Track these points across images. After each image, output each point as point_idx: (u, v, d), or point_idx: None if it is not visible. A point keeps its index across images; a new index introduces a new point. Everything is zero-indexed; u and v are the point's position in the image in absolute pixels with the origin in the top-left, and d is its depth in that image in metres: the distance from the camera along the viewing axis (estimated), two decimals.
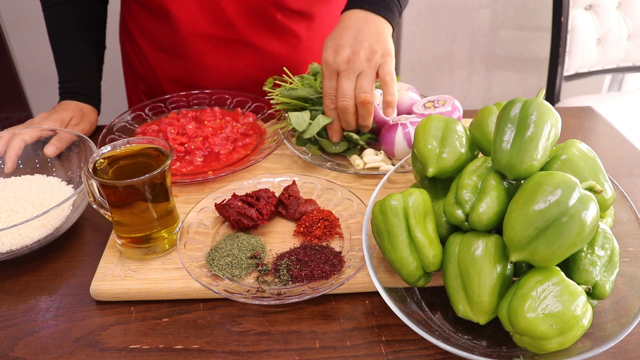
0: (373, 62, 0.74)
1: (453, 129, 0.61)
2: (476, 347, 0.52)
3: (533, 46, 2.08)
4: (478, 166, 0.56)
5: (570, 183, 0.47)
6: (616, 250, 0.53)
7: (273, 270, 0.61)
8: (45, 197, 0.70)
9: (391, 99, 0.76)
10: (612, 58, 1.70)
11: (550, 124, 0.52)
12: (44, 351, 0.54)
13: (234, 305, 0.59)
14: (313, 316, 0.57)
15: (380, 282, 0.54)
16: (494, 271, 0.50)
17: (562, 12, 1.58)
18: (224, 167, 0.80)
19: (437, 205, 0.58)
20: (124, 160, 0.63)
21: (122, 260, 0.63)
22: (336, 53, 0.74)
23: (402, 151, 0.78)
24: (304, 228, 0.66)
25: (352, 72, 0.74)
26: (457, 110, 0.81)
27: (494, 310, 0.50)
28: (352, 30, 0.75)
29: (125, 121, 0.90)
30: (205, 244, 0.65)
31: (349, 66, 0.74)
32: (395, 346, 0.54)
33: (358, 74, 0.74)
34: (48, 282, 0.63)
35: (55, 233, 0.66)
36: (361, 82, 0.74)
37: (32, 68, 1.98)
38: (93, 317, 0.58)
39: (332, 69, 0.75)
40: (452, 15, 2.00)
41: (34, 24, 1.78)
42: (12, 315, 0.58)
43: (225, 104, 0.97)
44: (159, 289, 0.59)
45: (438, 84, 2.17)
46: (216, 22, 0.92)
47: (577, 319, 0.46)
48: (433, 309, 0.57)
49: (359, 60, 0.73)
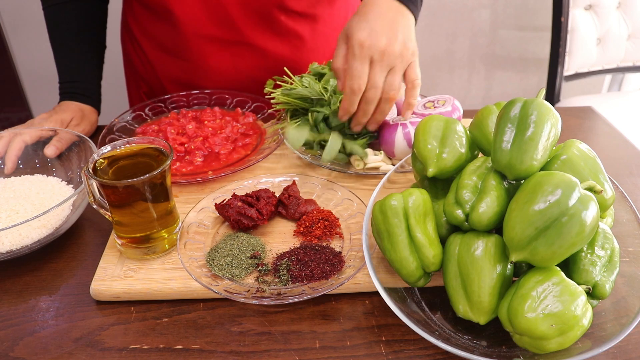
0: (405, 60, 0.73)
1: (453, 129, 0.61)
2: (476, 347, 0.52)
3: (533, 46, 2.08)
4: (478, 166, 0.56)
5: (570, 183, 0.47)
6: (616, 250, 0.53)
7: (273, 270, 0.61)
8: (45, 197, 0.70)
9: (414, 102, 0.76)
10: (612, 58, 1.70)
11: (550, 124, 0.52)
12: (44, 351, 0.54)
13: (234, 305, 0.59)
14: (313, 316, 0.57)
15: (380, 282, 0.54)
16: (494, 271, 0.50)
17: (562, 12, 1.58)
18: (224, 167, 0.80)
19: (437, 205, 0.58)
20: (124, 160, 0.63)
21: (122, 260, 0.63)
22: (373, 37, 0.70)
23: (402, 151, 0.78)
24: (304, 228, 0.66)
25: (386, 65, 0.71)
26: (457, 110, 0.81)
27: (494, 310, 0.50)
28: (386, 19, 0.72)
29: (125, 121, 0.90)
30: (205, 244, 0.65)
31: (384, 57, 0.71)
32: (395, 346, 0.54)
33: (390, 68, 0.72)
34: (48, 282, 0.63)
35: (55, 233, 0.66)
36: (392, 78, 0.73)
37: (32, 68, 1.98)
38: (93, 317, 0.58)
39: (366, 53, 0.70)
40: (452, 15, 2.00)
41: (34, 24, 1.78)
42: (12, 315, 0.58)
43: (225, 104, 0.97)
44: (159, 289, 0.59)
45: (438, 84, 2.17)
46: (220, 23, 0.91)
47: (577, 319, 0.46)
48: (433, 309, 0.57)
49: (394, 54, 0.71)
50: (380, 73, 0.72)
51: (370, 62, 0.71)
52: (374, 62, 0.71)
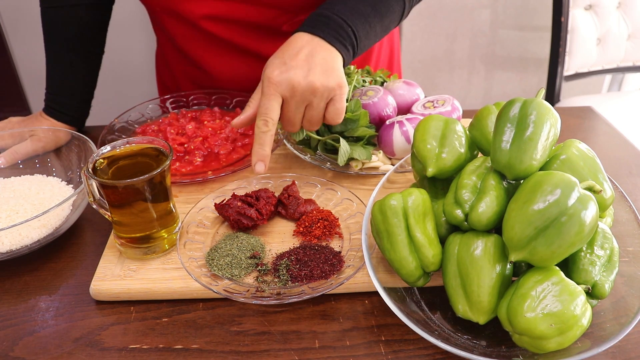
0: (320, 95, 0.66)
1: (452, 128, 0.61)
2: (475, 346, 0.52)
3: (533, 46, 2.08)
4: (477, 166, 0.56)
5: (569, 183, 0.47)
6: (615, 250, 0.53)
7: (272, 270, 0.61)
8: (45, 197, 0.70)
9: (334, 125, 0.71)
10: (612, 58, 1.70)
11: (550, 123, 0.52)
12: (43, 351, 0.54)
13: (234, 305, 0.59)
14: (312, 316, 0.57)
15: (379, 281, 0.54)
16: (493, 271, 0.50)
17: (562, 12, 1.58)
18: (223, 167, 0.80)
19: (437, 205, 0.58)
20: (124, 160, 0.63)
21: (122, 260, 0.63)
22: (283, 73, 0.65)
23: (402, 149, 0.77)
24: (303, 228, 0.66)
25: (299, 100, 0.66)
26: (456, 110, 0.81)
27: (494, 309, 0.50)
28: (303, 53, 0.66)
29: (125, 121, 0.90)
30: (205, 243, 0.65)
31: (295, 93, 0.65)
32: (394, 346, 0.54)
33: (307, 104, 0.67)
34: (48, 282, 0.63)
35: (55, 233, 0.66)
36: (310, 114, 0.68)
37: (32, 68, 1.98)
38: (93, 317, 0.58)
39: (274, 89, 0.65)
40: (452, 15, 2.00)
41: (34, 24, 1.77)
42: (11, 315, 0.58)
43: (225, 104, 0.97)
44: (158, 289, 0.59)
45: (438, 84, 2.17)
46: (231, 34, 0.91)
47: (576, 319, 0.46)
48: (432, 308, 0.57)
49: (306, 89, 0.65)
50: (296, 109, 0.67)
51: (283, 98, 0.66)
52: (286, 99, 0.66)
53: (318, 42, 0.68)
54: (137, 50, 1.98)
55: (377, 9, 0.74)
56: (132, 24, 1.88)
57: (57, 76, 0.91)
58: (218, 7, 0.86)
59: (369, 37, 0.74)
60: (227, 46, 0.92)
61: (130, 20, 1.83)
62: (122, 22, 1.37)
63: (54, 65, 0.92)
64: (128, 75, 2.02)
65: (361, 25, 0.72)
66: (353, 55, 0.73)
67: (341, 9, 0.71)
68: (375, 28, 0.74)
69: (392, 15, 0.76)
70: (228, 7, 0.86)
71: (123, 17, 1.33)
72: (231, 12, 0.86)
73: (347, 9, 0.71)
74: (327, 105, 0.68)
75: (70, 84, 0.92)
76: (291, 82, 0.64)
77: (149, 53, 1.87)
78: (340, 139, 0.76)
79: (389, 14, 0.76)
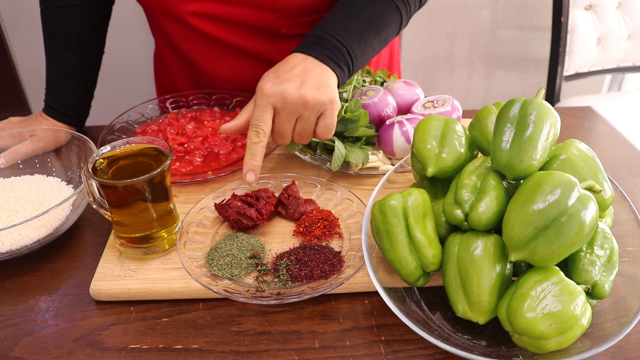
0: (311, 108, 0.67)
1: (452, 128, 0.61)
2: (475, 346, 0.52)
3: (533, 46, 2.08)
4: (477, 166, 0.56)
5: (569, 183, 0.47)
6: (615, 250, 0.53)
7: (272, 270, 0.61)
8: (45, 197, 0.70)
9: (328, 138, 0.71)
10: (612, 58, 1.70)
11: (550, 123, 0.52)
12: (43, 351, 0.54)
13: (234, 305, 0.59)
14: (312, 316, 0.57)
15: (379, 281, 0.54)
16: (493, 271, 0.50)
17: (562, 12, 1.58)
18: (223, 167, 0.80)
19: (437, 205, 0.58)
20: (124, 160, 0.63)
21: (122, 260, 0.63)
22: (276, 85, 0.66)
23: (402, 149, 0.77)
24: (303, 228, 0.66)
25: (291, 113, 0.67)
26: (456, 110, 0.81)
27: (493, 309, 0.50)
28: (297, 69, 0.68)
29: (125, 121, 0.90)
30: (205, 243, 0.65)
31: (286, 105, 0.66)
32: (394, 346, 0.54)
33: (298, 117, 0.68)
34: (48, 282, 0.63)
35: (55, 233, 0.66)
36: (301, 126, 0.69)
37: (32, 68, 1.98)
38: (92, 317, 0.58)
39: (266, 100, 0.66)
40: (452, 15, 2.00)
41: (34, 24, 1.77)
42: (11, 315, 0.58)
43: (225, 104, 0.97)
44: (158, 289, 0.59)
45: (438, 84, 2.17)
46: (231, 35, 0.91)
47: (576, 319, 0.46)
48: (432, 308, 0.57)
49: (298, 102, 0.66)
50: (287, 122, 0.68)
51: (275, 110, 0.67)
52: (278, 110, 0.67)
53: (312, 60, 0.69)
54: (136, 51, 1.98)
55: (372, 25, 0.74)
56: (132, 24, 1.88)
57: (57, 76, 0.91)
58: (205, 6, 0.86)
59: (366, 54, 0.75)
60: (224, 47, 0.92)
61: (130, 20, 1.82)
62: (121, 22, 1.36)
63: (54, 66, 0.91)
64: (128, 76, 2.02)
65: (356, 44, 0.72)
66: (349, 74, 0.73)
67: (335, 28, 0.72)
68: (371, 44, 0.75)
69: (389, 29, 0.77)
70: (217, 7, 0.86)
71: (123, 17, 1.33)
72: (222, 12, 0.86)
73: (342, 28, 0.72)
74: (317, 120, 0.69)
75: (70, 84, 0.92)
76: (283, 94, 0.65)
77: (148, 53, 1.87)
78: (336, 141, 0.76)
79: (385, 28, 0.76)
